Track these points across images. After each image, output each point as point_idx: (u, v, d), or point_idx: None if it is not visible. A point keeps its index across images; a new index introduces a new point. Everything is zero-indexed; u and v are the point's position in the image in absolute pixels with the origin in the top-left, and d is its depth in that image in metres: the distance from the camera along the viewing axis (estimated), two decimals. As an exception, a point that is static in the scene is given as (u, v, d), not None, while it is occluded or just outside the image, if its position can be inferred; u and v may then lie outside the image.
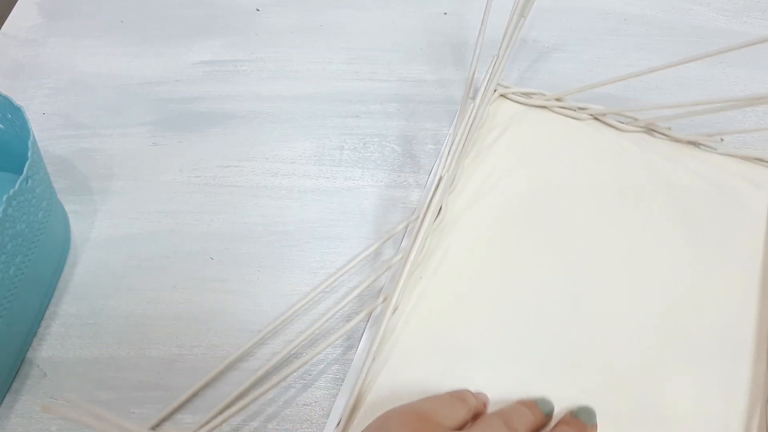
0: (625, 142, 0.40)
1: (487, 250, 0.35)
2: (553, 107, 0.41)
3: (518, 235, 0.36)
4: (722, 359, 0.32)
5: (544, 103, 0.41)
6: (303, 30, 0.49)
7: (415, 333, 0.32)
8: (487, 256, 0.35)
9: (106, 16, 0.50)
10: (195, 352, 0.31)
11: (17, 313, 0.29)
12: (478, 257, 0.35)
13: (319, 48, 0.47)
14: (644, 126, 0.40)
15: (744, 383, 0.32)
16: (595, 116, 0.41)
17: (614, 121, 0.41)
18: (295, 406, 0.30)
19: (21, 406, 0.29)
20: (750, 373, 0.32)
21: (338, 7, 0.51)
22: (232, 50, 0.47)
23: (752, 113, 0.43)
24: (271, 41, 0.48)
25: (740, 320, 0.33)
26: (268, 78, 0.45)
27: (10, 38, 0.47)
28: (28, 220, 0.28)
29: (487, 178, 0.38)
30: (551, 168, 0.39)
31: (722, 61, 0.46)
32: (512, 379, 0.31)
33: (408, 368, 0.31)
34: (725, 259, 0.35)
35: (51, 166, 0.39)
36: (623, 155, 0.40)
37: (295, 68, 0.46)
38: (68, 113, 0.42)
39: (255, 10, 0.51)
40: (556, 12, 0.51)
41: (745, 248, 0.36)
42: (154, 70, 0.45)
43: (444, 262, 0.35)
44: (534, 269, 0.35)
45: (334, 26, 0.49)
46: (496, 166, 0.39)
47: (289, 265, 0.35)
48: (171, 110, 0.43)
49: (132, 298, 0.33)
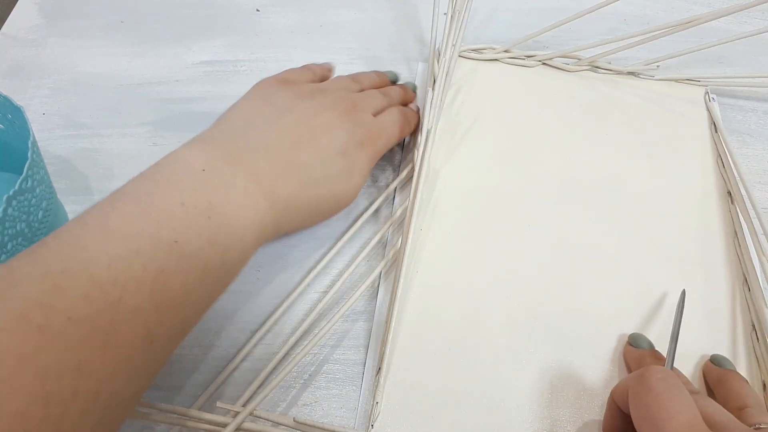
0: (573, 81, 0.45)
1: (470, 196, 0.38)
2: (503, 59, 0.45)
3: (495, 175, 0.39)
4: (694, 268, 0.35)
5: (495, 56, 0.45)
6: (303, 30, 0.49)
7: (426, 277, 0.35)
8: (471, 201, 0.38)
9: (106, 16, 0.50)
10: (195, 352, 0.31)
11: (17, 313, 0.29)
12: (463, 203, 0.38)
13: (319, 48, 0.47)
14: (588, 64, 0.45)
15: (719, 284, 0.35)
16: (543, 61, 0.45)
17: (561, 64, 0.45)
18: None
19: (21, 406, 0.29)
20: (726, 272, 0.35)
21: (338, 7, 0.51)
22: (232, 50, 0.47)
23: (685, 39, 0.44)
24: (271, 41, 0.48)
25: (705, 225, 0.37)
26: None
27: (10, 38, 0.47)
28: (28, 220, 0.28)
29: (454, 133, 0.41)
30: (510, 112, 0.42)
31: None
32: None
33: (429, 307, 0.33)
34: (682, 169, 0.40)
35: (51, 166, 0.39)
36: (573, 92, 0.44)
37: (295, 68, 0.46)
38: (68, 113, 0.42)
39: (255, 10, 0.51)
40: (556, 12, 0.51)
41: (697, 158, 0.41)
42: (154, 70, 0.45)
43: (436, 212, 0.37)
44: (513, 203, 0.38)
45: (334, 26, 0.49)
46: (460, 121, 0.42)
47: (289, 264, 0.35)
48: (171, 110, 0.43)
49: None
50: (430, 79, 0.41)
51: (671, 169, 0.40)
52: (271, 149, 0.29)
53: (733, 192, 0.38)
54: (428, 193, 0.38)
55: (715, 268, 0.35)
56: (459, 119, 0.42)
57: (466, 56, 0.45)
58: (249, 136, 0.29)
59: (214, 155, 0.27)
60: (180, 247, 0.23)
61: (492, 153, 0.40)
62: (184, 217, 0.23)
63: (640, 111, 0.43)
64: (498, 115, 0.42)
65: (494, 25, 0.50)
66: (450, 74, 0.42)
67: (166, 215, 0.23)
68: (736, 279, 0.35)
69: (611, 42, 0.43)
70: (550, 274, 0.35)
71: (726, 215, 0.38)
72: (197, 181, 0.25)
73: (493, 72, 0.45)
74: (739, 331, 0.33)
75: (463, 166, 0.39)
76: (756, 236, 0.35)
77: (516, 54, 0.45)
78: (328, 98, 0.32)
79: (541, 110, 0.43)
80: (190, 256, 0.23)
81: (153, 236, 0.22)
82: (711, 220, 0.37)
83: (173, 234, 0.23)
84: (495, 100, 0.43)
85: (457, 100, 0.43)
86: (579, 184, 0.39)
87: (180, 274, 0.22)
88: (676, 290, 0.33)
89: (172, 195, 0.24)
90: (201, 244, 0.23)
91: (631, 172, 0.39)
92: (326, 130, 0.31)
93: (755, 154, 0.42)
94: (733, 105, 0.45)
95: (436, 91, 0.38)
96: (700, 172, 0.40)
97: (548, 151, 0.40)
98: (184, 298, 0.23)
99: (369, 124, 0.34)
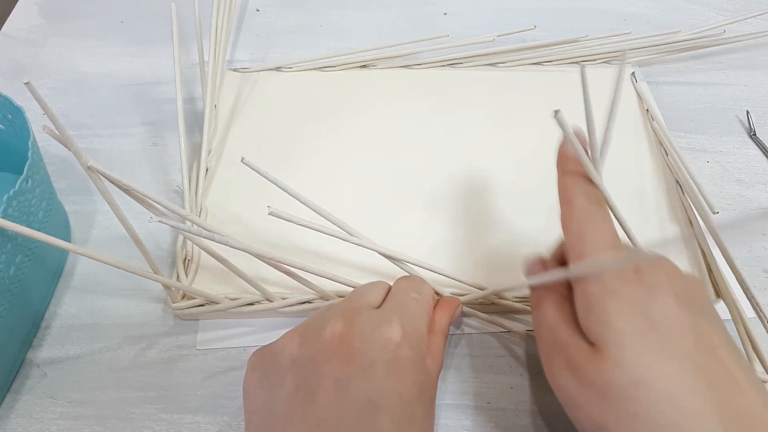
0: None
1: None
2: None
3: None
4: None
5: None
6: (303, 30, 0.49)
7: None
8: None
9: (106, 16, 0.50)
10: (195, 352, 0.31)
11: (17, 312, 0.29)
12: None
13: (319, 48, 0.47)
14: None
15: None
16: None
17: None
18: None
19: (21, 406, 0.29)
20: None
21: (338, 7, 0.51)
22: (232, 50, 0.47)
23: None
24: (271, 41, 0.48)
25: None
26: (268, 78, 0.45)
27: (10, 38, 0.47)
28: (28, 220, 0.28)
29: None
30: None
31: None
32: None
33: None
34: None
35: (51, 166, 0.39)
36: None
37: (295, 68, 0.46)
38: (68, 113, 0.42)
39: (255, 10, 0.51)
40: (556, 12, 0.51)
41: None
42: (154, 70, 0.45)
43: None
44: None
45: (334, 26, 0.49)
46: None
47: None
48: (171, 110, 0.42)
49: (132, 298, 0.33)
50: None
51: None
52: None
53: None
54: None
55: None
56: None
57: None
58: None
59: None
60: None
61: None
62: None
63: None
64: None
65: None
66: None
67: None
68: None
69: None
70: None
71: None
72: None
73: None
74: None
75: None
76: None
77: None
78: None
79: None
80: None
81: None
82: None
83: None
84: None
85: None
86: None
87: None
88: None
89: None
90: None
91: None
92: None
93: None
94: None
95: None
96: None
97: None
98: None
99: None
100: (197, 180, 0.36)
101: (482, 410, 0.29)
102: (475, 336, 0.32)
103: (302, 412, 0.23)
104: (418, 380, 0.24)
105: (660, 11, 0.51)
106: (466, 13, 0.51)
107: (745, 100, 0.44)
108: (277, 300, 0.31)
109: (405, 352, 0.24)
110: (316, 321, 0.25)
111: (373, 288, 0.28)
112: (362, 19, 0.50)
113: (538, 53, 0.45)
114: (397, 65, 0.45)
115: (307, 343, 0.24)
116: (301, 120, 0.41)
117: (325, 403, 0.22)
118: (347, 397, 0.22)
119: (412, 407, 0.23)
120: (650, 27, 0.50)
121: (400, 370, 0.23)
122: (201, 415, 0.29)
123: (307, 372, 0.23)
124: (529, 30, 0.43)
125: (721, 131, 0.42)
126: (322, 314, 0.26)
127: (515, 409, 0.29)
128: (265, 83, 0.44)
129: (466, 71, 0.45)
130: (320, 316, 0.26)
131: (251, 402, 0.25)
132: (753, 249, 0.36)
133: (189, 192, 0.35)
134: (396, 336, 0.24)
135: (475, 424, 0.29)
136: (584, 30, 0.44)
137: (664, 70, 0.46)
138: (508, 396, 0.30)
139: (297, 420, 0.23)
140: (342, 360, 0.23)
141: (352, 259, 0.34)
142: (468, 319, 0.32)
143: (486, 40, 0.43)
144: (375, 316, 0.25)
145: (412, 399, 0.23)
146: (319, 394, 0.23)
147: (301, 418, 0.22)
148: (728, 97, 0.44)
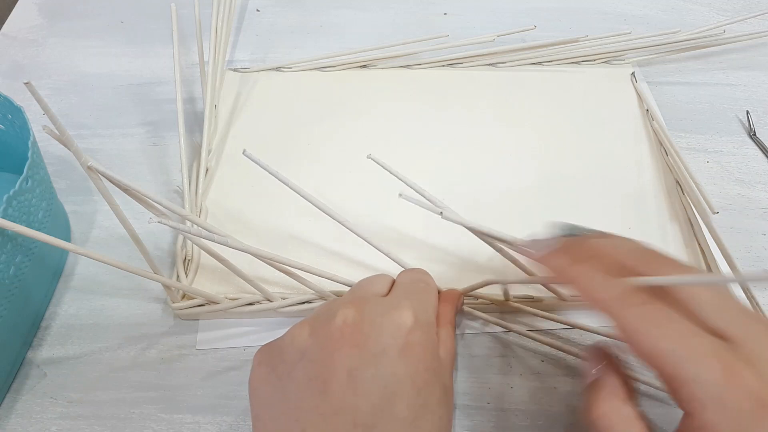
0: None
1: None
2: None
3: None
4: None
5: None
6: (303, 30, 0.49)
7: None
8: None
9: (106, 16, 0.50)
10: (195, 352, 0.31)
11: (17, 312, 0.29)
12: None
13: (319, 48, 0.47)
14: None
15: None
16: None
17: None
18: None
19: (21, 406, 0.29)
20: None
21: (338, 7, 0.51)
22: (232, 50, 0.47)
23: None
24: (271, 41, 0.48)
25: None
26: (268, 78, 0.45)
27: (10, 38, 0.47)
28: (28, 220, 0.28)
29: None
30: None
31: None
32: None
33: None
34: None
35: (51, 166, 0.39)
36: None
37: (295, 68, 0.46)
38: (68, 113, 0.42)
39: (255, 10, 0.51)
40: (556, 12, 0.51)
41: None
42: (154, 70, 0.45)
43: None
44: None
45: (334, 26, 0.49)
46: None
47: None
48: (171, 110, 0.43)
49: (132, 298, 0.33)
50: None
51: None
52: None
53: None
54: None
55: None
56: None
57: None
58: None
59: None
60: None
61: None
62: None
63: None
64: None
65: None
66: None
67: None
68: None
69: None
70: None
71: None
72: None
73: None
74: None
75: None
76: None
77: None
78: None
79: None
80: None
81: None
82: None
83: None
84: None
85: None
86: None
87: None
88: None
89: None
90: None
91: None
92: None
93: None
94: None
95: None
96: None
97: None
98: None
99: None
100: (197, 180, 0.36)
101: (482, 410, 0.29)
102: (475, 336, 0.32)
103: (315, 403, 0.22)
104: (431, 366, 0.24)
105: (660, 11, 0.51)
106: (466, 13, 0.51)
107: (745, 100, 0.44)
108: (277, 300, 0.31)
109: (417, 337, 0.24)
110: (325, 311, 0.25)
111: (379, 278, 0.28)
112: (362, 19, 0.50)
113: (538, 53, 0.45)
114: (397, 65, 0.45)
115: (317, 333, 0.24)
116: (301, 120, 0.41)
117: (338, 392, 0.22)
118: (361, 385, 0.22)
119: (424, 393, 0.23)
120: (650, 27, 0.50)
121: (413, 355, 0.23)
122: (201, 415, 0.29)
123: (318, 362, 0.23)
124: (529, 30, 0.43)
125: (721, 131, 0.42)
126: (329, 305, 0.26)
127: (515, 409, 0.29)
128: (265, 83, 0.44)
129: (466, 71, 0.45)
130: (328, 307, 0.26)
131: (259, 398, 0.24)
132: (753, 249, 0.36)
133: (189, 192, 0.35)
134: (407, 321, 0.24)
135: (475, 424, 0.29)
136: (584, 30, 0.44)
137: (664, 70, 0.46)
138: (508, 396, 0.30)
139: (310, 412, 0.22)
140: (354, 347, 0.23)
141: (351, 259, 0.34)
142: (468, 319, 0.32)
143: (486, 40, 0.43)
144: (385, 302, 0.25)
145: (425, 385, 0.23)
146: (332, 384, 0.22)
147: (314, 409, 0.22)
148: (728, 97, 0.44)
